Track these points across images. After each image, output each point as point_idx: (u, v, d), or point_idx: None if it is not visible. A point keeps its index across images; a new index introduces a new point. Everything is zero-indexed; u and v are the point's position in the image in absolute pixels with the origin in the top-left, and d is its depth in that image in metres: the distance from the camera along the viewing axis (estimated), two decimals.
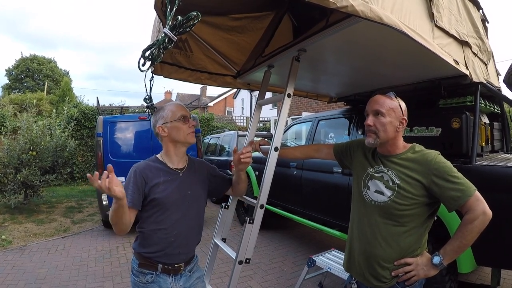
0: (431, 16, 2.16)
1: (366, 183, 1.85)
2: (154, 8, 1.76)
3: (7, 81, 36.83)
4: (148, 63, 1.62)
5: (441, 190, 1.62)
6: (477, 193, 1.60)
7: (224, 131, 11.79)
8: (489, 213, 1.57)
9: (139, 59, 1.59)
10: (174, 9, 1.50)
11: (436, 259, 1.65)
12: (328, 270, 3.51)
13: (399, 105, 1.76)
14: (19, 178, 7.32)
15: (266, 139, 2.59)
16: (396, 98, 1.77)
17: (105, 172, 1.48)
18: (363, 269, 1.82)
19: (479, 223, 1.56)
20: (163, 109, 1.96)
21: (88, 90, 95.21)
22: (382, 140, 1.75)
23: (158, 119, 1.93)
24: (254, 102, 25.96)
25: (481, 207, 1.57)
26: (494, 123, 4.01)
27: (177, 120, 1.91)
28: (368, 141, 1.81)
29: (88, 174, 1.47)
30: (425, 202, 1.68)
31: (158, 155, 1.99)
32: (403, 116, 1.76)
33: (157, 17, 2.10)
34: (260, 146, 2.56)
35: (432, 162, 1.66)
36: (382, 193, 1.76)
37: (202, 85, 32.26)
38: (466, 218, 1.59)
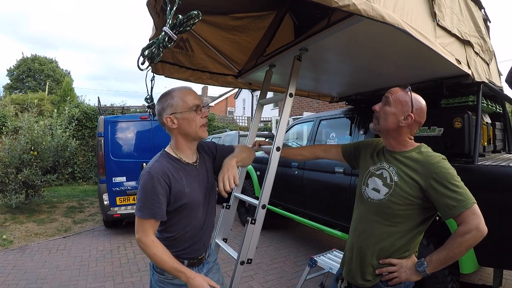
0: (433, 15, 2.15)
1: (366, 180, 1.85)
2: (147, 5, 1.74)
3: (9, 81, 36.92)
4: (148, 62, 1.61)
5: (438, 196, 1.56)
6: (475, 207, 1.51)
7: (226, 131, 11.79)
8: (484, 230, 1.48)
9: (138, 58, 1.58)
10: (175, 8, 1.49)
11: (420, 266, 1.63)
12: (330, 270, 3.50)
13: (411, 100, 1.70)
14: (20, 178, 7.35)
15: (267, 139, 2.58)
16: (410, 92, 1.72)
17: None
18: (353, 264, 1.83)
19: (470, 238, 1.48)
20: (172, 96, 1.72)
21: (89, 90, 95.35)
22: (381, 127, 1.76)
23: (166, 108, 1.71)
24: (255, 102, 25.99)
25: (476, 222, 1.48)
26: (496, 123, 3.99)
27: (189, 111, 1.70)
28: (370, 125, 1.83)
29: None
30: (420, 205, 1.64)
31: (168, 150, 1.80)
32: (410, 112, 1.69)
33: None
34: (261, 146, 2.55)
35: (435, 165, 1.61)
36: (378, 191, 1.75)
37: (203, 85, 32.29)
38: (458, 230, 1.52)
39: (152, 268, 1.86)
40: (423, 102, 1.74)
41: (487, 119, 3.67)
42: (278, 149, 2.29)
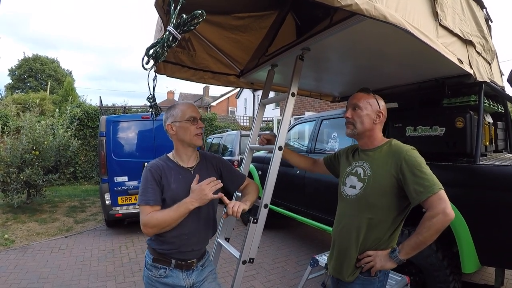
0: (435, 15, 2.14)
1: (344, 180, 1.98)
2: (155, 5, 1.75)
3: (10, 81, 36.99)
4: (152, 62, 1.62)
5: (406, 182, 1.66)
6: (442, 192, 1.59)
7: (227, 131, 11.80)
8: (450, 214, 1.56)
9: (143, 57, 1.59)
10: (178, 7, 1.50)
11: (393, 252, 1.71)
12: None
13: (376, 100, 1.91)
14: (22, 177, 7.36)
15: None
16: (372, 94, 1.93)
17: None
18: (336, 260, 1.92)
19: (437, 222, 1.55)
20: (175, 108, 1.97)
21: (91, 90, 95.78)
22: (359, 130, 1.88)
23: (169, 117, 1.95)
24: (257, 102, 25.96)
25: (442, 207, 1.56)
26: (498, 122, 3.99)
27: (185, 121, 1.91)
28: (347, 132, 1.95)
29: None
30: (395, 194, 1.73)
31: (169, 154, 2.01)
32: (379, 110, 1.89)
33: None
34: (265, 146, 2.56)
35: (403, 153, 1.72)
36: (354, 187, 1.87)
37: (204, 85, 32.30)
38: (425, 215, 1.60)
39: (144, 264, 1.98)
40: (381, 99, 1.95)
41: (489, 119, 3.67)
42: (280, 148, 2.30)
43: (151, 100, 2.27)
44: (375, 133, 1.90)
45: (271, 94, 5.24)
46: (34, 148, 7.76)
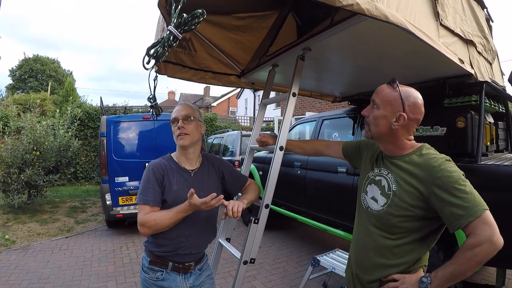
0: (436, 14, 2.14)
1: (365, 187, 1.68)
2: (158, 6, 1.76)
3: (11, 82, 37.04)
4: (153, 61, 1.61)
5: (441, 204, 1.34)
6: (487, 214, 1.28)
7: (228, 131, 11.80)
8: (498, 242, 1.28)
9: (144, 57, 1.58)
10: (179, 7, 1.49)
11: (423, 281, 1.37)
12: (333, 270, 3.49)
13: (400, 97, 1.50)
14: (22, 178, 7.36)
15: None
16: (398, 88, 1.53)
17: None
18: (353, 282, 1.69)
19: (480, 253, 1.27)
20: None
21: (91, 91, 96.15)
22: (373, 134, 1.57)
23: None
24: (257, 102, 25.97)
25: (488, 234, 1.27)
26: (499, 122, 3.99)
27: (171, 125, 1.95)
28: (362, 132, 1.65)
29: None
30: (423, 216, 1.43)
31: (173, 154, 2.01)
32: (402, 111, 1.49)
33: (161, 16, 2.10)
34: (267, 146, 2.53)
35: (436, 168, 1.39)
36: (376, 201, 1.57)
37: (205, 85, 32.30)
38: (466, 243, 1.30)
39: (141, 266, 1.95)
40: (415, 94, 1.56)
41: (490, 119, 3.67)
42: (281, 148, 2.29)
43: (151, 100, 2.27)
44: (398, 140, 1.54)
45: (272, 94, 5.28)
46: (35, 148, 7.76)
